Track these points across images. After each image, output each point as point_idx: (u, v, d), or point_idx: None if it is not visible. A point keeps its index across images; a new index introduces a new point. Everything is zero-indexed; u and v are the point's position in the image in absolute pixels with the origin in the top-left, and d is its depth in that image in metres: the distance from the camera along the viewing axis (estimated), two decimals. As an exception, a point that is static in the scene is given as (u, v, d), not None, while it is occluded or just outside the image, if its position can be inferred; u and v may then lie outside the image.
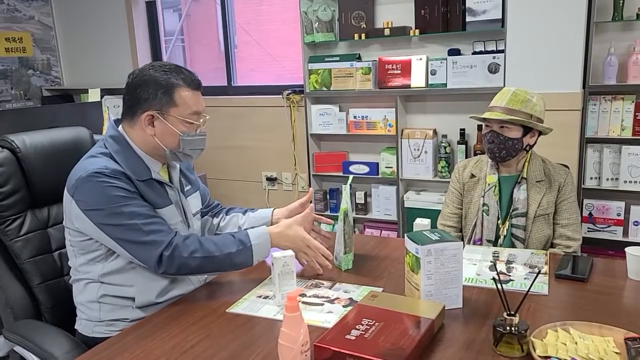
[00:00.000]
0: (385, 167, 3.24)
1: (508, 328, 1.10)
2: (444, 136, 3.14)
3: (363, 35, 3.15)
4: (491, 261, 1.62)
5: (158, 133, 1.46)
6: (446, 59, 2.97)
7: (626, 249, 1.49)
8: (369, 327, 1.14)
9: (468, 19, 2.85)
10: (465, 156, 3.06)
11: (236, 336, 1.24)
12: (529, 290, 1.17)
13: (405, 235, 1.34)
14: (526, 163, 1.90)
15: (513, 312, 1.11)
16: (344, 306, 1.35)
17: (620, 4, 2.57)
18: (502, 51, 2.79)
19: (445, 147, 3.10)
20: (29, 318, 1.57)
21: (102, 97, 3.27)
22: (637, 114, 2.64)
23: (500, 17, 2.78)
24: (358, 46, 3.29)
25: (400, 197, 3.21)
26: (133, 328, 1.31)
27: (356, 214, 3.37)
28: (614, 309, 1.32)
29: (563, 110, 2.58)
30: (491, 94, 1.91)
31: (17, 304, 1.56)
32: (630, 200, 2.72)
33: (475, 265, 1.59)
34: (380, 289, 1.43)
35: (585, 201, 2.76)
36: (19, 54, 4.25)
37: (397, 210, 3.24)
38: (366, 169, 3.32)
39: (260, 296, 1.43)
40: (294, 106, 3.61)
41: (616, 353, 1.07)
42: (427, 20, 2.97)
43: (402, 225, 3.23)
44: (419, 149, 3.12)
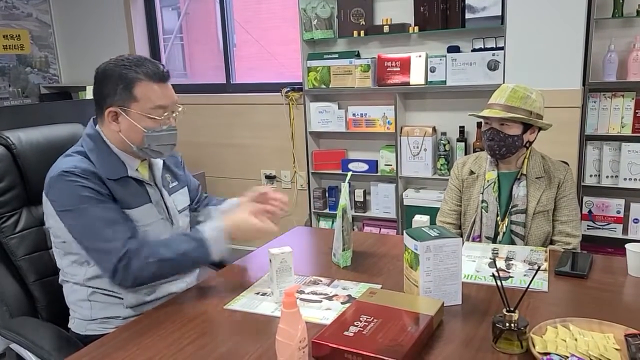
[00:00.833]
0: (385, 165, 3.23)
1: (507, 324, 1.09)
2: (443, 134, 3.13)
3: (362, 33, 3.13)
4: (490, 258, 1.61)
5: (123, 129, 1.42)
6: (445, 56, 2.96)
7: (626, 246, 1.48)
8: (367, 324, 1.13)
9: (467, 15, 2.84)
10: (465, 153, 3.05)
11: (234, 333, 1.23)
12: (528, 287, 1.17)
13: (404, 231, 1.33)
14: (526, 160, 1.89)
15: (512, 309, 1.10)
16: (342, 303, 1.34)
17: (620, 1, 2.56)
18: (502, 48, 2.78)
19: (444, 145, 3.09)
20: (25, 315, 1.55)
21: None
22: (637, 111, 2.63)
23: (500, 14, 2.77)
24: (357, 43, 3.28)
25: (400, 195, 3.20)
26: (130, 325, 1.30)
27: (355, 212, 3.36)
28: (614, 305, 1.31)
29: (563, 107, 2.57)
30: (491, 91, 1.90)
31: (13, 301, 1.54)
32: (630, 198, 2.71)
33: (474, 262, 1.58)
34: (379, 286, 1.42)
35: (585, 199, 2.75)
36: (17, 52, 4.23)
37: (397, 208, 3.23)
38: (365, 167, 3.31)
39: (258, 293, 1.43)
40: (293, 104, 3.60)
41: (616, 349, 1.06)
42: (427, 17, 2.96)
43: (402, 223, 3.22)
44: (418, 147, 3.11)
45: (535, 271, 1.22)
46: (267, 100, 3.69)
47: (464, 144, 3.06)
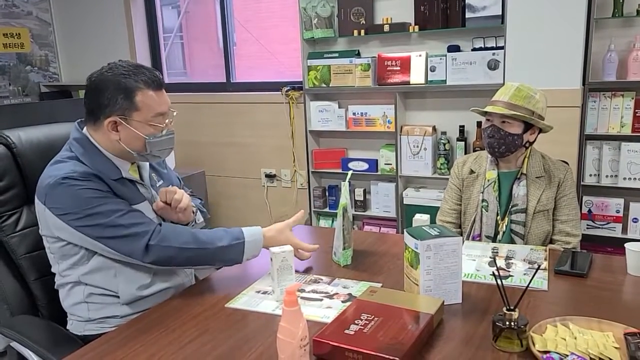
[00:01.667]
0: (385, 164, 3.23)
1: (507, 323, 1.09)
2: (444, 133, 3.13)
3: (362, 32, 3.13)
4: (490, 257, 1.62)
5: (123, 138, 1.42)
6: (446, 56, 2.96)
7: (626, 245, 1.49)
8: (368, 322, 1.13)
9: (468, 15, 2.84)
10: (465, 153, 3.05)
11: (235, 331, 1.23)
12: (528, 286, 1.17)
13: (405, 230, 1.33)
14: (526, 159, 1.89)
15: (512, 308, 1.11)
16: (342, 301, 1.34)
17: (620, 1, 2.56)
18: (502, 48, 2.78)
19: (444, 144, 3.09)
20: (26, 314, 1.56)
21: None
22: (637, 111, 2.63)
23: (500, 14, 2.77)
24: (357, 42, 3.28)
25: (400, 194, 3.20)
26: (131, 323, 1.30)
27: (355, 211, 3.37)
28: (613, 304, 1.32)
29: (563, 107, 2.57)
30: (491, 91, 1.90)
31: (14, 299, 1.55)
32: (629, 197, 2.72)
33: (474, 261, 1.58)
34: (379, 285, 1.43)
35: (585, 198, 2.75)
36: (17, 50, 4.23)
37: (397, 207, 3.23)
38: (365, 166, 3.31)
39: (259, 291, 1.43)
40: (293, 103, 3.60)
41: (615, 348, 1.06)
42: (427, 16, 2.96)
43: (402, 222, 3.22)
44: (418, 146, 3.11)
45: (535, 270, 1.23)
46: (267, 99, 3.69)
47: (464, 143, 3.06)
